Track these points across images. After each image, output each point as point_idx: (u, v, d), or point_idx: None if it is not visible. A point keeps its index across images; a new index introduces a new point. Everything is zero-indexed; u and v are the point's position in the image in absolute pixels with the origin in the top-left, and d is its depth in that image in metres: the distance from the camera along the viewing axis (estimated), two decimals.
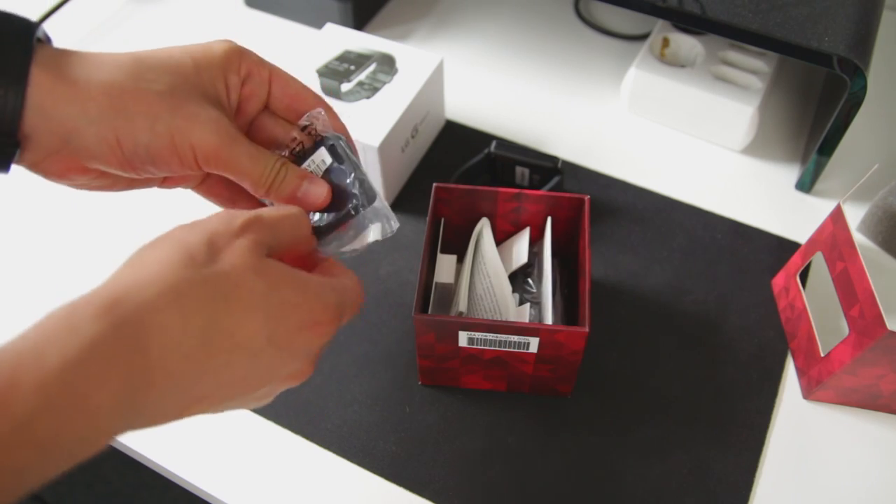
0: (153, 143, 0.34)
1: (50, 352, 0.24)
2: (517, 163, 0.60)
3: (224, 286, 0.29)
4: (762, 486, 0.48)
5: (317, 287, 0.32)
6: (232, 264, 0.29)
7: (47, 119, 0.32)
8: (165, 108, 0.33)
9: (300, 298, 0.31)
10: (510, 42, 0.75)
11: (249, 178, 0.36)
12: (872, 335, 0.43)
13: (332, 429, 0.50)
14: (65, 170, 0.35)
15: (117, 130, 0.33)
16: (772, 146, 0.67)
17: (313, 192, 0.38)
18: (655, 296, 0.56)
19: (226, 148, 0.35)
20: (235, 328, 0.29)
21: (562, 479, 0.47)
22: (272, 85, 0.38)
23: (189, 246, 0.29)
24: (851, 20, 0.54)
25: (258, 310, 0.29)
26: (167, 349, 0.27)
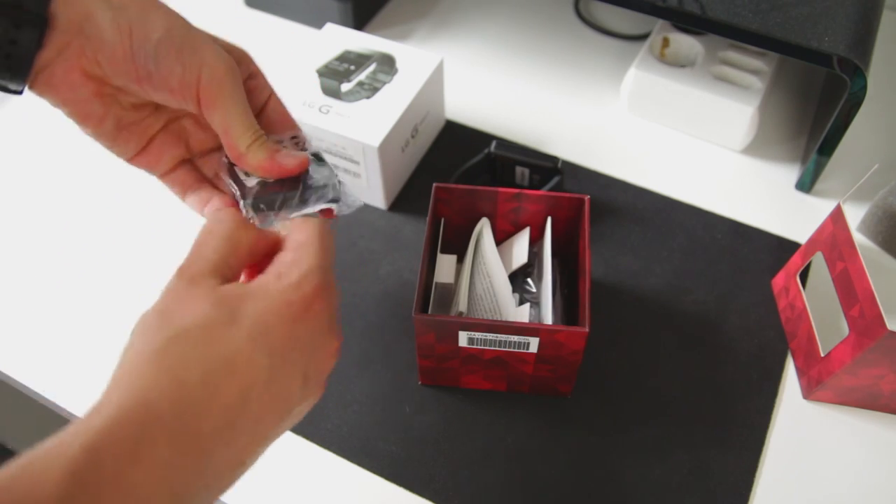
0: (163, 46, 0.34)
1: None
2: (517, 163, 0.60)
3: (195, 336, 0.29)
4: (762, 486, 0.48)
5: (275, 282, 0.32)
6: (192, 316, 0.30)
7: (69, 4, 0.33)
8: (184, 24, 0.35)
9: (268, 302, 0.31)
10: (510, 42, 0.75)
11: (235, 131, 0.36)
12: (872, 335, 0.43)
13: (332, 429, 0.50)
14: (67, 72, 0.35)
15: (132, 21, 0.34)
16: (772, 146, 0.67)
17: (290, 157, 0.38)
18: (655, 296, 0.56)
19: (229, 85, 0.35)
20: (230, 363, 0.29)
21: (562, 479, 0.47)
22: (270, 99, 0.40)
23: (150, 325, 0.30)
24: (851, 20, 0.54)
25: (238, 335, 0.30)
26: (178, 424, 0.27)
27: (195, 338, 0.29)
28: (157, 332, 0.29)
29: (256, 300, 0.31)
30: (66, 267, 0.58)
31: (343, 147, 0.57)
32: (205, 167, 0.42)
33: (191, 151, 0.41)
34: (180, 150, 0.41)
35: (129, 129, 0.38)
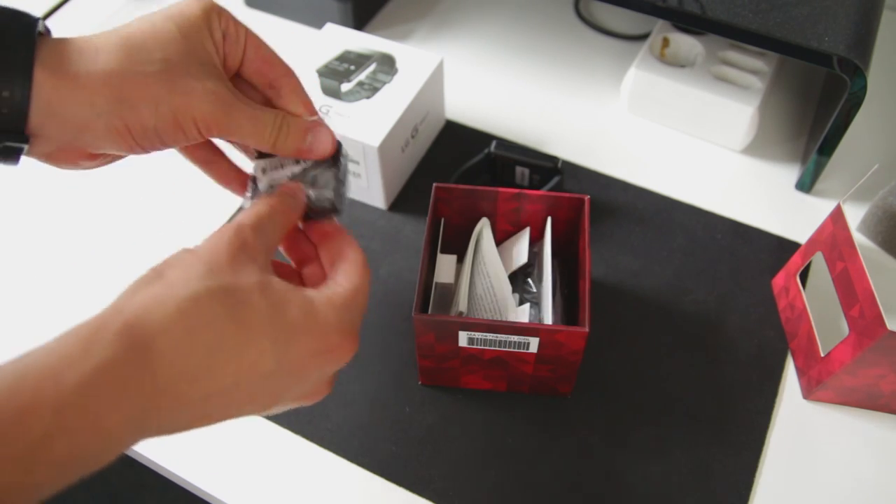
0: (159, 125, 0.34)
1: (67, 375, 0.26)
2: (517, 163, 0.60)
3: (230, 305, 0.30)
4: (762, 486, 0.48)
5: (326, 309, 0.33)
6: (237, 283, 0.30)
7: (55, 116, 0.33)
8: (164, 89, 0.34)
9: (309, 322, 0.32)
10: (510, 42, 0.75)
11: (253, 139, 0.36)
12: (872, 335, 0.43)
13: (332, 429, 0.50)
14: (74, 158, 0.36)
15: (125, 119, 0.33)
16: (772, 146, 0.67)
17: (319, 143, 0.38)
18: (655, 296, 0.56)
19: (225, 117, 0.35)
20: (242, 350, 0.30)
21: (562, 479, 0.47)
22: (247, 46, 0.38)
23: (194, 267, 0.30)
24: (851, 20, 0.54)
25: (264, 331, 0.30)
26: (174, 373, 0.28)
27: (229, 311, 0.29)
28: (198, 280, 0.29)
29: (299, 312, 0.32)
30: (67, 267, 0.58)
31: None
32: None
33: None
34: None
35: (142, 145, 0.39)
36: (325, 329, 0.32)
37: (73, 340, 0.27)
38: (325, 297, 0.33)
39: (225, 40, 0.37)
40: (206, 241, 0.32)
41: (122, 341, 0.27)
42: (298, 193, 0.38)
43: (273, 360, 0.30)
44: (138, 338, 0.27)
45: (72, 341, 0.27)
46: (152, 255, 0.58)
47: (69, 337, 0.27)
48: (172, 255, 0.31)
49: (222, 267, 0.30)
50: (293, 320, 0.31)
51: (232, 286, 0.30)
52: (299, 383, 0.33)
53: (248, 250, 0.32)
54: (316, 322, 0.32)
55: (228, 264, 0.31)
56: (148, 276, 0.30)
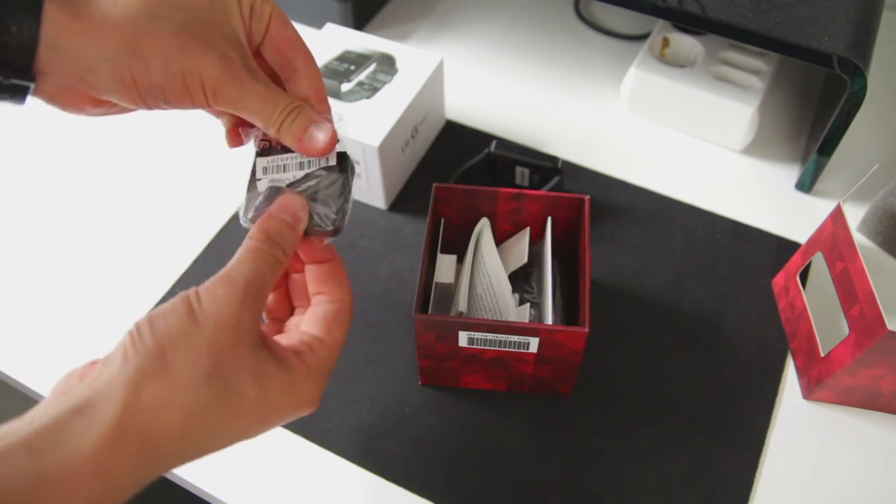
0: (167, 83, 0.34)
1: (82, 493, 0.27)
2: (517, 163, 0.60)
3: (225, 398, 0.31)
4: (762, 486, 0.48)
5: (303, 382, 0.34)
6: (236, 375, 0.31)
7: (62, 55, 0.32)
8: (178, 48, 0.33)
9: (287, 398, 0.34)
10: (510, 42, 0.75)
11: (258, 117, 0.36)
12: (872, 335, 0.43)
13: (332, 429, 0.50)
14: (79, 102, 0.35)
15: (132, 70, 0.33)
16: (772, 146, 0.67)
17: (316, 139, 0.37)
18: (655, 296, 0.56)
19: (233, 87, 0.34)
20: (230, 431, 0.32)
21: (562, 480, 0.47)
22: (270, 24, 0.37)
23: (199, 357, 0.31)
24: (851, 20, 0.54)
25: (249, 413, 0.32)
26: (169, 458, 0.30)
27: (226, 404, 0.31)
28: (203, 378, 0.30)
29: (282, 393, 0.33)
30: (67, 267, 0.58)
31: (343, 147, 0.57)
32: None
33: None
34: None
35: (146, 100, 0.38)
36: (300, 401, 0.34)
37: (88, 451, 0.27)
38: (306, 371, 0.34)
39: (252, 15, 0.36)
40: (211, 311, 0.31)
41: (136, 459, 0.29)
42: (298, 221, 0.36)
43: (248, 433, 0.33)
44: (149, 450, 0.29)
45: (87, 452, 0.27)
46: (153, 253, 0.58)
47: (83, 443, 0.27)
48: (176, 318, 0.31)
49: (225, 357, 0.31)
50: (275, 399, 0.33)
51: (231, 380, 0.31)
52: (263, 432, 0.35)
53: (250, 325, 0.32)
54: (295, 397, 0.34)
55: (231, 353, 0.31)
56: (151, 355, 0.30)
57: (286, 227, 0.36)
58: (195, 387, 0.30)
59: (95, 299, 0.56)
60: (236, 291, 0.32)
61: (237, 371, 0.31)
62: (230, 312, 0.31)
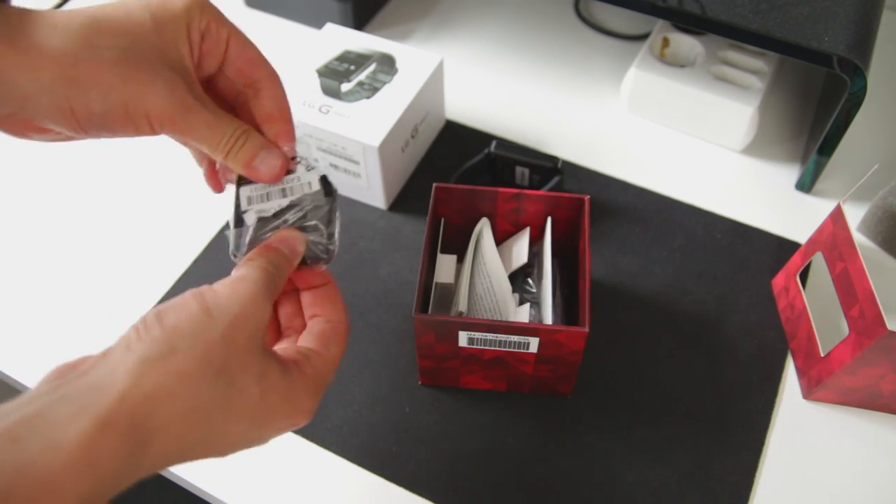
0: (107, 113, 0.33)
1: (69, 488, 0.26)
2: (517, 163, 0.60)
3: (229, 396, 0.30)
4: (762, 486, 0.48)
5: (301, 392, 0.34)
6: (242, 374, 0.31)
7: (1, 84, 0.32)
8: (118, 77, 0.33)
9: (285, 406, 0.33)
10: (510, 42, 0.75)
11: (207, 144, 0.35)
12: (872, 335, 0.43)
13: (332, 429, 0.50)
14: (22, 129, 0.35)
15: (70, 100, 0.32)
16: (772, 146, 0.67)
17: (270, 164, 0.37)
18: (655, 296, 0.56)
19: (180, 116, 0.34)
20: (227, 430, 0.31)
21: (562, 479, 0.47)
22: (229, 46, 0.37)
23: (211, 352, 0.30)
24: (851, 20, 0.54)
25: (249, 415, 0.31)
26: (163, 454, 0.29)
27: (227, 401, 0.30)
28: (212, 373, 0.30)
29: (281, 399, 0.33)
30: (66, 267, 0.58)
31: (343, 147, 0.57)
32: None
33: None
34: None
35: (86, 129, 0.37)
36: (297, 410, 0.34)
37: (75, 441, 0.26)
38: (304, 380, 0.34)
39: (204, 40, 0.36)
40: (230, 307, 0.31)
41: (127, 446, 0.27)
42: (296, 254, 0.36)
43: (246, 437, 0.32)
44: (142, 437, 0.28)
45: (74, 441, 0.26)
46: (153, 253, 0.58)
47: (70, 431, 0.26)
48: (187, 312, 0.30)
49: (237, 354, 0.31)
50: (274, 405, 0.32)
51: (237, 379, 0.31)
52: (258, 442, 0.34)
53: (260, 328, 0.32)
54: (292, 405, 0.33)
55: (243, 351, 0.31)
56: (159, 345, 0.29)
57: (283, 258, 0.36)
58: (202, 380, 0.29)
59: (95, 299, 0.56)
60: (255, 289, 0.32)
61: (244, 371, 0.31)
62: (250, 309, 0.31)
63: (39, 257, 0.58)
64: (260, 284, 0.33)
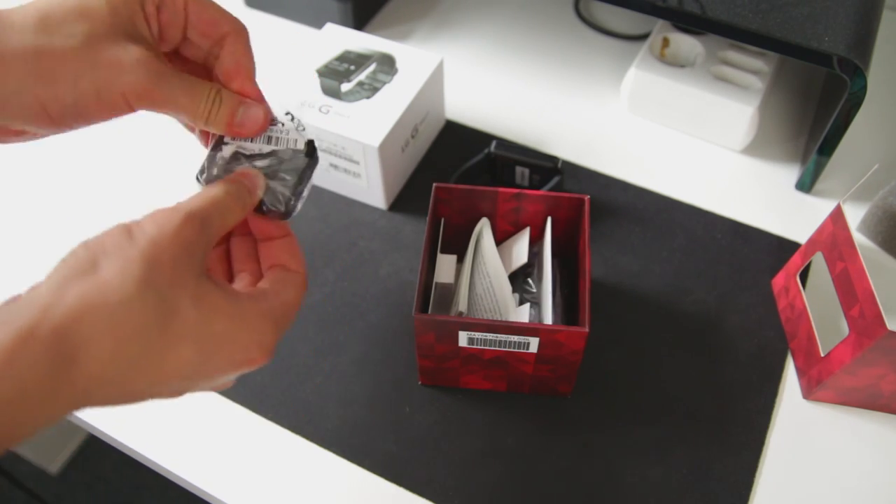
0: (80, 101, 0.33)
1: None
2: (517, 163, 0.60)
3: (161, 314, 0.29)
4: (762, 486, 0.48)
5: (254, 319, 0.32)
6: (172, 290, 0.29)
7: None
8: (86, 63, 0.32)
9: (234, 332, 0.31)
10: (510, 42, 0.75)
11: (186, 111, 0.35)
12: (872, 335, 0.43)
13: (332, 429, 0.50)
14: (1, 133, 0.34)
15: (40, 97, 0.32)
16: (772, 146, 0.67)
17: (250, 117, 0.37)
18: (655, 296, 0.56)
19: (158, 87, 0.33)
20: (165, 357, 0.29)
21: (562, 479, 0.47)
22: (188, 11, 0.36)
23: (133, 265, 0.29)
24: (851, 20, 0.54)
25: (189, 340, 0.30)
26: (97, 380, 0.28)
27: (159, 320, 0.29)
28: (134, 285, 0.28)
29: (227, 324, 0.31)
30: None
31: (343, 147, 0.57)
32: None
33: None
34: None
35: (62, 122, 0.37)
36: (248, 343, 0.32)
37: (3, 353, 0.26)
38: (258, 310, 0.33)
39: (160, 11, 0.36)
40: (150, 228, 0.30)
41: (50, 356, 0.26)
42: (255, 187, 0.36)
43: (192, 368, 0.30)
44: (66, 350, 0.27)
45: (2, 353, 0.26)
46: None
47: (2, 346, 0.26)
48: (110, 235, 0.30)
49: (162, 270, 0.29)
50: (220, 332, 0.31)
51: (166, 294, 0.29)
52: (211, 382, 0.33)
53: (191, 249, 0.31)
54: (244, 334, 0.32)
55: (169, 267, 0.30)
56: (81, 262, 0.29)
57: (237, 192, 0.35)
58: (124, 291, 0.28)
59: None
60: (177, 215, 0.31)
61: (174, 288, 0.29)
62: (170, 231, 0.30)
63: (39, 257, 0.58)
64: (188, 210, 0.32)
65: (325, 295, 0.56)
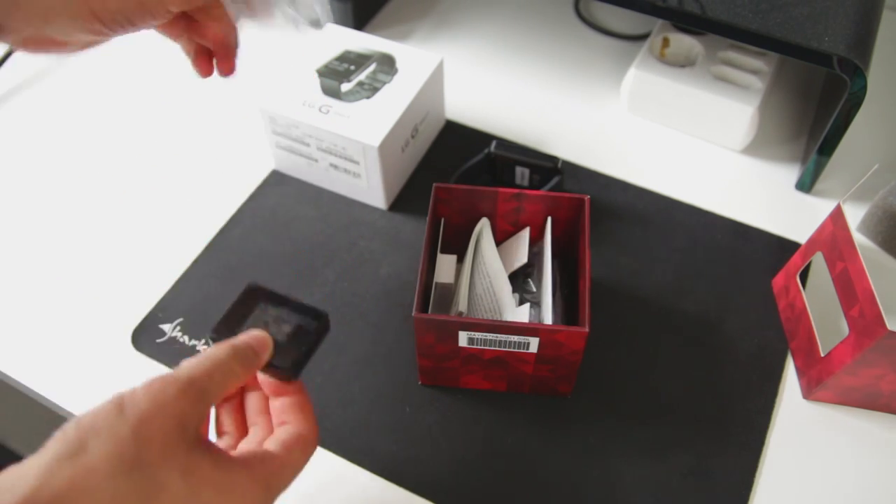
0: (125, 6, 0.36)
1: None
2: (517, 163, 0.60)
3: (147, 492, 0.29)
4: (762, 486, 0.48)
5: (244, 486, 0.32)
6: (161, 468, 0.29)
7: (21, 8, 0.34)
8: None
9: (222, 501, 0.31)
10: (510, 42, 0.75)
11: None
12: (872, 335, 0.43)
13: (332, 429, 0.50)
14: (45, 45, 0.37)
15: (90, 4, 0.35)
16: (772, 146, 0.67)
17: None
18: (655, 296, 0.56)
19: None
20: None
21: (562, 479, 0.47)
22: None
23: (122, 445, 0.29)
24: (851, 20, 0.54)
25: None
26: None
27: (144, 499, 0.29)
28: (120, 466, 0.28)
29: (215, 494, 0.31)
30: (67, 267, 0.58)
31: (343, 147, 0.57)
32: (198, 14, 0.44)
33: None
34: None
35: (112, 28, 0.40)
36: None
37: None
38: (249, 477, 0.32)
39: None
40: (143, 401, 0.30)
41: None
42: (264, 350, 0.36)
43: None
44: None
45: None
46: (152, 254, 0.58)
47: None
48: (103, 412, 0.29)
49: (151, 447, 0.29)
50: (209, 501, 0.30)
51: (154, 472, 0.29)
52: None
53: (184, 421, 0.30)
54: (230, 499, 0.31)
55: (159, 443, 0.29)
56: (71, 443, 0.28)
57: (251, 351, 0.35)
58: (112, 473, 0.28)
59: (95, 299, 0.56)
60: (174, 385, 0.31)
61: (165, 464, 0.29)
62: (163, 403, 0.30)
63: (40, 258, 0.58)
64: (186, 378, 0.31)
65: (325, 295, 0.56)
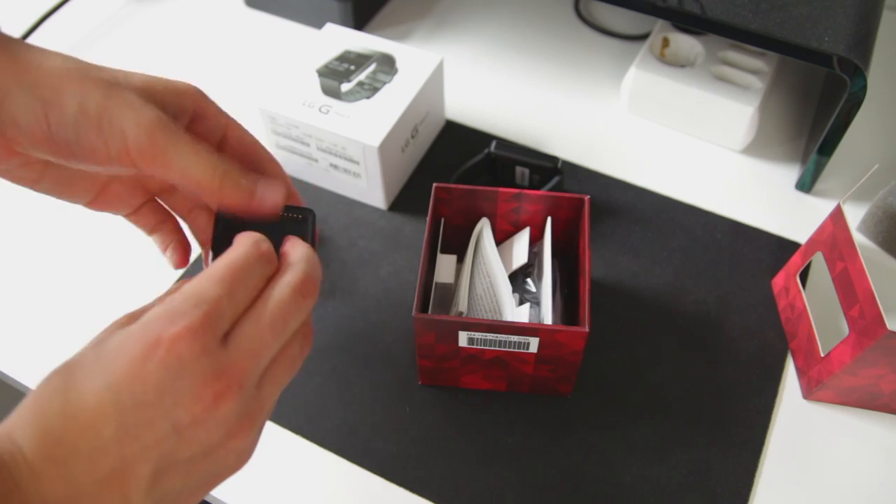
0: (80, 122, 0.31)
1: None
2: (517, 163, 0.60)
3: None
4: (762, 486, 0.48)
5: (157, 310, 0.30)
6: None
7: None
8: (101, 91, 0.31)
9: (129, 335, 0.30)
10: (510, 42, 0.75)
11: (195, 171, 0.32)
12: (872, 335, 0.43)
13: (332, 429, 0.50)
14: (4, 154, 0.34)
15: (46, 102, 0.31)
16: (772, 146, 0.67)
17: (272, 192, 0.34)
18: (655, 296, 0.56)
19: (162, 138, 0.31)
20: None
21: (561, 479, 0.47)
22: (228, 132, 0.37)
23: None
24: (851, 20, 0.54)
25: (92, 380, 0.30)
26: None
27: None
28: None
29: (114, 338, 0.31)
30: (66, 267, 0.58)
31: (343, 147, 0.57)
32: (169, 202, 0.40)
33: (150, 191, 0.40)
34: (139, 192, 0.39)
35: (74, 183, 0.37)
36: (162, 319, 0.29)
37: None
38: (158, 307, 0.29)
39: (199, 121, 0.36)
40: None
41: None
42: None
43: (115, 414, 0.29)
44: None
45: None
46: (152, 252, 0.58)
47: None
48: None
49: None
50: (118, 345, 0.31)
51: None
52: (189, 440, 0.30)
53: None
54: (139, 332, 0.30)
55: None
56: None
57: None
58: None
59: (95, 300, 0.56)
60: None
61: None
62: None
63: (40, 258, 0.58)
64: None
65: (325, 295, 0.56)
